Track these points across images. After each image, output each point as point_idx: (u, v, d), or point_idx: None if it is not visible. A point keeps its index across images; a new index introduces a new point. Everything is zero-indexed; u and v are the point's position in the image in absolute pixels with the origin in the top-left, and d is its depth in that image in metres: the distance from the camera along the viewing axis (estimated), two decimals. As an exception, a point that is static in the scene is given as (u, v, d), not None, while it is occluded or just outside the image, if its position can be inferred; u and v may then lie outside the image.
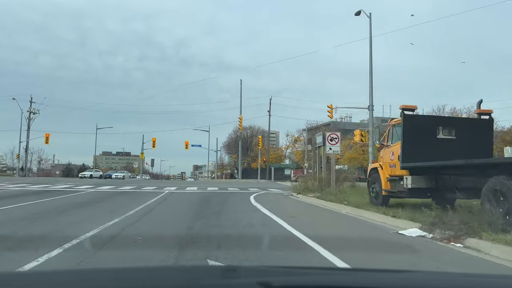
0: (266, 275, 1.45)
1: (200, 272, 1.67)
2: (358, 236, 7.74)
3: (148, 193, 18.73)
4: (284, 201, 16.16)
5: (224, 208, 12.21)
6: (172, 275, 1.58)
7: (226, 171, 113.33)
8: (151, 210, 11.11)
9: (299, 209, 13.42)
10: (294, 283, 1.33)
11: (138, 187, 23.83)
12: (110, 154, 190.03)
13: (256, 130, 79.43)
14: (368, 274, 1.69)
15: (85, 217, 9.37)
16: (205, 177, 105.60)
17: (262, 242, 6.68)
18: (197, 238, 6.60)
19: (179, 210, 11.66)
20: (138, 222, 8.53)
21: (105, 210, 11.14)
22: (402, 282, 1.40)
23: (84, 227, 7.39)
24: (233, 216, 9.96)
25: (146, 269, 1.86)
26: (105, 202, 13.91)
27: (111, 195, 17.08)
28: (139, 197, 15.89)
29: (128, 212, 10.25)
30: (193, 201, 14.94)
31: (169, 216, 10.10)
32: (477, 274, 3.11)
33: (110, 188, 22.31)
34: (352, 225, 9.34)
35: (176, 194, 18.48)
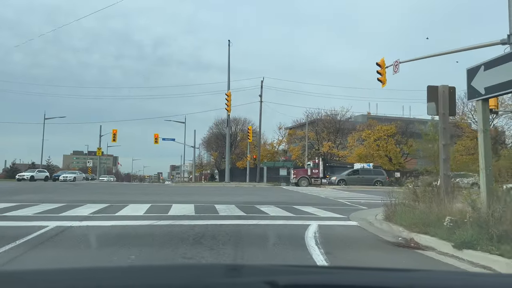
0: (271, 273, 1.39)
1: (205, 271, 1.57)
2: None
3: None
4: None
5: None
6: (177, 273, 1.49)
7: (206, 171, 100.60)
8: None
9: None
10: (300, 282, 1.29)
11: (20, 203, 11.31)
12: (82, 154, 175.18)
13: (242, 123, 67.04)
14: (374, 273, 1.61)
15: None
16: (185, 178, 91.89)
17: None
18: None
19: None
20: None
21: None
22: (408, 281, 1.37)
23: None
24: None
25: (150, 267, 1.53)
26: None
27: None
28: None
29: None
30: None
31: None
32: (484, 274, 3.45)
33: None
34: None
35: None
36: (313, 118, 53.75)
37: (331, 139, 52.76)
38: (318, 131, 53.34)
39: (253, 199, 14.96)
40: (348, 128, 54.61)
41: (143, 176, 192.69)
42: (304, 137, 52.20)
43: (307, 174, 38.04)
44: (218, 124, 67.87)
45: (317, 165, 38.27)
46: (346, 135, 53.19)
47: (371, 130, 49.33)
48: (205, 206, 11.77)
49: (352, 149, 51.02)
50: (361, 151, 49.57)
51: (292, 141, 58.45)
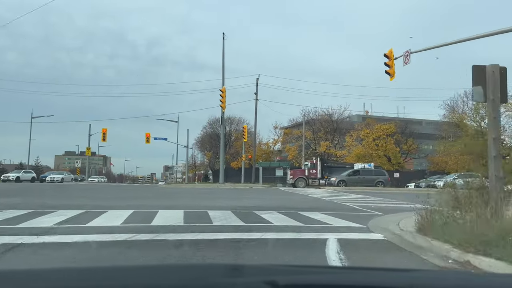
0: (272, 273, 1.37)
1: (206, 271, 1.55)
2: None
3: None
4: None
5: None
6: (177, 273, 1.48)
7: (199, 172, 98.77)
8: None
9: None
10: (300, 282, 1.30)
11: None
12: (74, 154, 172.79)
13: (236, 122, 65.43)
14: (375, 273, 1.61)
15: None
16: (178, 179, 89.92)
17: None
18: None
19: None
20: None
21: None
22: (408, 281, 1.36)
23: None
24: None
25: (150, 267, 1.69)
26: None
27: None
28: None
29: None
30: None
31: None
32: (484, 274, 3.41)
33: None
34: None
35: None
36: (310, 117, 52.22)
37: (329, 138, 51.30)
38: (315, 130, 51.84)
39: (251, 203, 13.35)
40: (345, 127, 53.18)
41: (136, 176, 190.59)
42: (300, 136, 50.67)
43: (305, 175, 36.49)
44: (212, 124, 66.19)
45: (314, 166, 36.72)
46: (344, 134, 51.76)
47: (370, 129, 47.93)
48: (196, 212, 10.14)
49: (350, 149, 49.59)
50: (360, 151, 48.17)
51: (288, 141, 56.93)
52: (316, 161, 37.70)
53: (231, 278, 1.31)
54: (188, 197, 16.36)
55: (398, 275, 1.58)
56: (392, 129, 47.28)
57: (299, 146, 51.76)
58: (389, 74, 17.50)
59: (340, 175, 33.31)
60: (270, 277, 1.21)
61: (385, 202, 15.67)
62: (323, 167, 36.83)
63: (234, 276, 1.33)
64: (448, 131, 51.96)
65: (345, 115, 53.31)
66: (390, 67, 17.40)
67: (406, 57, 16.41)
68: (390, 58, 17.36)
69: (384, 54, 17.53)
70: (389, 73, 17.48)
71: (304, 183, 35.52)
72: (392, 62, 17.33)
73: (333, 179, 32.80)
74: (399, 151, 48.69)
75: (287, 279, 1.26)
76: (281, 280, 1.20)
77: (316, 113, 52.93)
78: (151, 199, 14.90)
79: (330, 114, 51.97)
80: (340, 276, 1.46)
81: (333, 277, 1.42)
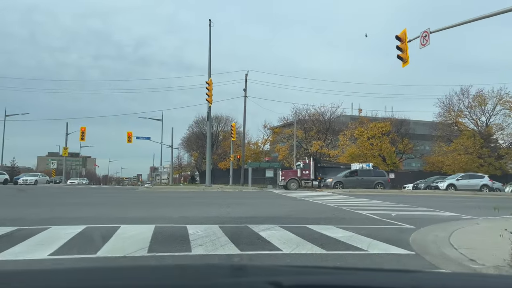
0: (276, 274, 1.39)
1: (209, 270, 1.51)
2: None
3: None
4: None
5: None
6: (181, 273, 1.47)
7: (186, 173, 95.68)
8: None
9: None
10: (304, 282, 1.27)
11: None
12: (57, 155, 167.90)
13: (224, 121, 62.81)
14: (378, 274, 1.65)
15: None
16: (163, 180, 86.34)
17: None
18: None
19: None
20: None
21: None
22: (409, 282, 1.36)
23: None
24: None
25: (154, 267, 1.51)
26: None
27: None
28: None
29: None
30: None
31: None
32: (484, 274, 3.54)
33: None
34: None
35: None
36: (301, 115, 49.81)
37: (321, 137, 48.97)
38: (306, 129, 49.45)
39: (243, 211, 10.77)
40: (338, 126, 50.93)
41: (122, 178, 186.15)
42: (291, 135, 48.25)
43: (297, 176, 34.03)
44: (199, 122, 63.48)
45: (307, 166, 34.24)
46: (337, 133, 49.50)
47: (364, 128, 45.74)
48: (172, 228, 7.52)
49: (343, 149, 47.33)
50: (353, 150, 45.97)
51: (279, 140, 54.45)
52: (309, 161, 35.22)
53: (235, 278, 1.28)
54: (167, 203, 13.69)
55: (400, 276, 1.57)
56: (388, 127, 45.18)
57: (290, 145, 49.35)
58: (402, 59, 15.12)
59: (336, 176, 30.92)
60: (275, 277, 1.19)
61: (400, 208, 13.26)
62: (317, 167, 34.42)
63: (238, 276, 1.30)
64: (444, 130, 50.16)
65: (338, 113, 51.11)
66: (403, 51, 15.02)
67: (423, 38, 14.03)
68: (403, 41, 14.98)
69: (396, 36, 15.15)
70: (401, 58, 15.09)
71: (297, 184, 33.11)
72: (405, 45, 14.95)
73: (329, 180, 30.38)
74: (394, 150, 46.61)
75: (291, 279, 1.24)
76: (285, 280, 1.18)
77: (308, 111, 50.61)
78: (120, 207, 12.18)
79: (322, 113, 49.69)
80: (344, 276, 1.44)
81: (337, 277, 1.41)
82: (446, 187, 30.11)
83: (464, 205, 15.62)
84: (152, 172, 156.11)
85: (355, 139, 46.51)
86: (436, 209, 12.97)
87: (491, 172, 41.82)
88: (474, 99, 47.85)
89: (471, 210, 13.14)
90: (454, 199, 20.28)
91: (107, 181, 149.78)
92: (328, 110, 50.49)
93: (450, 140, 48.23)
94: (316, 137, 48.73)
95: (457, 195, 25.31)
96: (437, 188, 30.74)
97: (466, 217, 10.62)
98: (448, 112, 49.02)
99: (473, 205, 16.11)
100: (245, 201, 15.24)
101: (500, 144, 50.52)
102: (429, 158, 50.11)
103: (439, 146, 48.01)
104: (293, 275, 1.41)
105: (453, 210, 12.62)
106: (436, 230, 8.07)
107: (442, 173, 43.56)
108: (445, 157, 46.18)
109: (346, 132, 47.11)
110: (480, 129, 48.50)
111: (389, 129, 45.31)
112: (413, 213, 11.67)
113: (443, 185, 30.51)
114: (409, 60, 14.84)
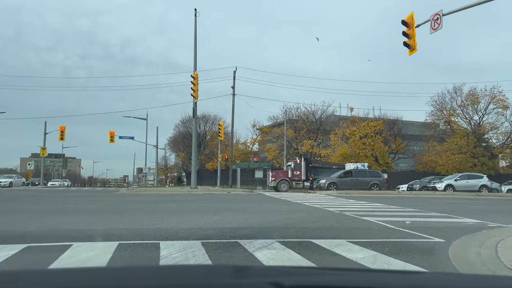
0: (277, 274, 1.39)
1: (210, 271, 1.51)
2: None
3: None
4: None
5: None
6: (181, 274, 1.47)
7: (173, 174, 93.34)
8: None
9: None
10: (306, 283, 1.27)
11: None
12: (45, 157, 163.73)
13: (212, 120, 60.97)
14: (380, 275, 1.64)
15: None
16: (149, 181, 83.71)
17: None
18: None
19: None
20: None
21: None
22: (410, 283, 1.36)
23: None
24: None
25: (154, 268, 1.63)
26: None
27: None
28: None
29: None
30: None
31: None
32: (483, 276, 3.24)
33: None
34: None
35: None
36: (291, 114, 48.23)
37: (312, 137, 47.46)
38: (297, 128, 47.90)
39: (232, 221, 9.06)
40: (329, 125, 49.51)
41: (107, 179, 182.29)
42: (281, 135, 46.65)
43: (288, 177, 32.39)
44: (185, 122, 61.54)
45: (298, 166, 32.65)
46: (328, 133, 48.04)
47: (357, 127, 44.35)
48: (138, 248, 5.78)
49: (335, 148, 45.88)
50: (345, 150, 44.56)
51: (269, 140, 52.80)
52: (300, 161, 33.63)
53: (236, 279, 1.28)
54: (142, 209, 11.87)
55: (401, 277, 1.56)
56: (381, 126, 43.87)
57: (279, 145, 47.76)
58: (408, 46, 13.58)
59: (330, 177, 29.36)
60: (276, 278, 1.19)
61: (411, 213, 11.71)
62: (308, 167, 32.87)
63: (239, 277, 1.30)
64: (437, 129, 49.13)
65: (329, 112, 49.66)
66: (410, 37, 13.48)
67: (435, 22, 12.50)
68: (410, 26, 13.44)
69: (402, 21, 13.61)
70: (408, 45, 13.56)
71: (287, 185, 31.52)
72: (412, 31, 13.41)
73: (323, 181, 28.81)
74: (387, 150, 45.34)
75: (293, 280, 1.24)
76: (286, 281, 1.18)
77: (298, 109, 49.05)
78: (86, 215, 10.30)
79: (313, 111, 48.20)
80: (345, 277, 1.44)
81: (337, 278, 1.41)
82: (444, 187, 28.82)
83: (476, 209, 14.17)
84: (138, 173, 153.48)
85: (347, 139, 45.11)
86: (450, 214, 11.45)
87: (484, 172, 40.81)
88: (467, 98, 46.92)
89: (489, 215, 11.66)
90: (460, 202, 18.88)
91: (92, 182, 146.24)
92: (319, 109, 49.09)
93: (443, 139, 47.19)
94: (307, 136, 47.22)
95: (460, 196, 23.99)
96: (435, 189, 29.41)
97: (493, 225, 9.09)
98: (441, 111, 48.00)
99: (486, 209, 14.68)
100: (234, 206, 13.53)
101: (493, 143, 49.70)
102: (422, 158, 49.02)
103: (432, 145, 46.92)
104: (294, 275, 1.40)
105: (470, 216, 11.11)
106: (473, 245, 6.53)
107: (435, 173, 42.44)
108: (438, 156, 45.10)
109: (338, 131, 45.67)
110: (473, 128, 47.58)
111: (382, 128, 44.02)
112: (428, 219, 10.10)
113: (441, 185, 29.20)
114: (417, 47, 13.31)
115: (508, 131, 47.02)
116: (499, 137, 47.17)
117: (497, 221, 9.80)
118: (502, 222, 9.68)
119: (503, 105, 45.90)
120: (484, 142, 49.87)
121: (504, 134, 46.64)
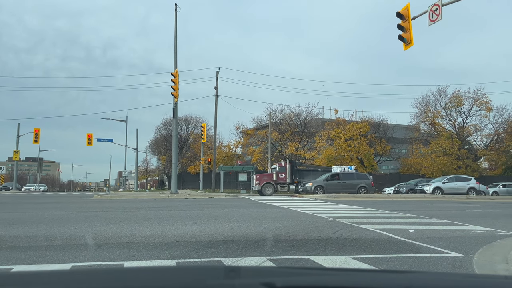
0: (269, 275, 1.38)
1: (203, 272, 1.52)
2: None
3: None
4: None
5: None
6: (175, 275, 1.48)
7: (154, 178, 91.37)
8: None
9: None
10: (297, 283, 1.28)
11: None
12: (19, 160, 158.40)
13: (194, 123, 59.60)
14: (372, 275, 1.63)
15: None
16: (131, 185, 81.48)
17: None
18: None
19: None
20: None
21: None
22: (405, 283, 1.34)
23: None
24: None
25: (148, 269, 1.62)
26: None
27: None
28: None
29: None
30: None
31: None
32: (482, 275, 3.28)
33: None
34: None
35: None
36: (275, 116, 47.27)
37: (296, 139, 46.62)
38: (281, 130, 46.98)
39: (215, 231, 7.92)
40: (314, 128, 48.76)
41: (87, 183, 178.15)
42: (265, 137, 45.65)
43: (272, 180, 31.41)
44: (167, 124, 59.95)
45: (283, 169, 31.71)
46: (313, 135, 47.27)
47: (342, 129, 43.69)
48: (94, 271, 4.59)
49: (320, 151, 45.11)
50: (330, 152, 43.84)
51: (252, 143, 51.74)
52: (285, 164, 32.68)
53: (228, 280, 1.28)
54: (113, 218, 10.58)
55: (395, 276, 1.54)
56: (366, 128, 43.32)
57: (264, 148, 46.76)
58: (403, 40, 12.72)
59: (316, 180, 28.46)
60: (268, 279, 1.19)
61: (409, 220, 10.79)
62: (293, 170, 31.95)
63: (232, 278, 1.29)
64: (421, 131, 48.93)
65: (314, 113, 48.85)
66: (405, 30, 12.62)
67: (433, 13, 11.65)
68: (405, 18, 12.58)
69: (397, 12, 12.75)
70: (403, 39, 12.69)
71: (272, 189, 30.54)
72: (408, 24, 12.55)
73: (309, 184, 27.88)
74: (372, 152, 44.81)
75: (285, 281, 1.23)
76: (278, 281, 1.18)
77: (283, 111, 48.14)
78: (36, 226, 8.94)
79: (298, 113, 47.37)
80: (337, 277, 1.43)
81: (330, 278, 1.39)
82: (432, 190, 28.23)
83: (475, 214, 13.38)
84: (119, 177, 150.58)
85: (332, 141, 44.40)
86: (452, 221, 10.57)
87: (469, 173, 40.64)
88: (451, 100, 46.86)
89: (492, 220, 10.84)
90: (454, 205, 18.16)
91: (71, 187, 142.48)
92: (304, 111, 48.29)
93: (428, 141, 46.97)
94: (291, 138, 46.35)
95: (451, 199, 23.36)
96: (423, 191, 28.81)
97: (504, 233, 8.21)
98: (425, 112, 47.83)
99: (485, 213, 13.92)
100: (217, 213, 12.37)
101: (476, 145, 49.77)
102: (407, 160, 48.72)
103: (417, 147, 46.65)
104: (286, 276, 1.39)
105: (473, 222, 10.26)
106: (497, 260, 5.63)
107: (420, 176, 42.07)
108: (423, 159, 44.82)
109: (323, 133, 44.92)
110: (457, 130, 47.53)
111: (367, 130, 43.49)
112: (432, 227, 9.17)
113: (429, 188, 28.61)
114: (413, 41, 12.45)
115: (492, 133, 47.12)
116: (483, 139, 47.19)
117: (506, 228, 8.95)
118: (511, 229, 8.84)
119: (487, 107, 45.97)
120: (467, 144, 49.93)
121: (488, 136, 46.68)
